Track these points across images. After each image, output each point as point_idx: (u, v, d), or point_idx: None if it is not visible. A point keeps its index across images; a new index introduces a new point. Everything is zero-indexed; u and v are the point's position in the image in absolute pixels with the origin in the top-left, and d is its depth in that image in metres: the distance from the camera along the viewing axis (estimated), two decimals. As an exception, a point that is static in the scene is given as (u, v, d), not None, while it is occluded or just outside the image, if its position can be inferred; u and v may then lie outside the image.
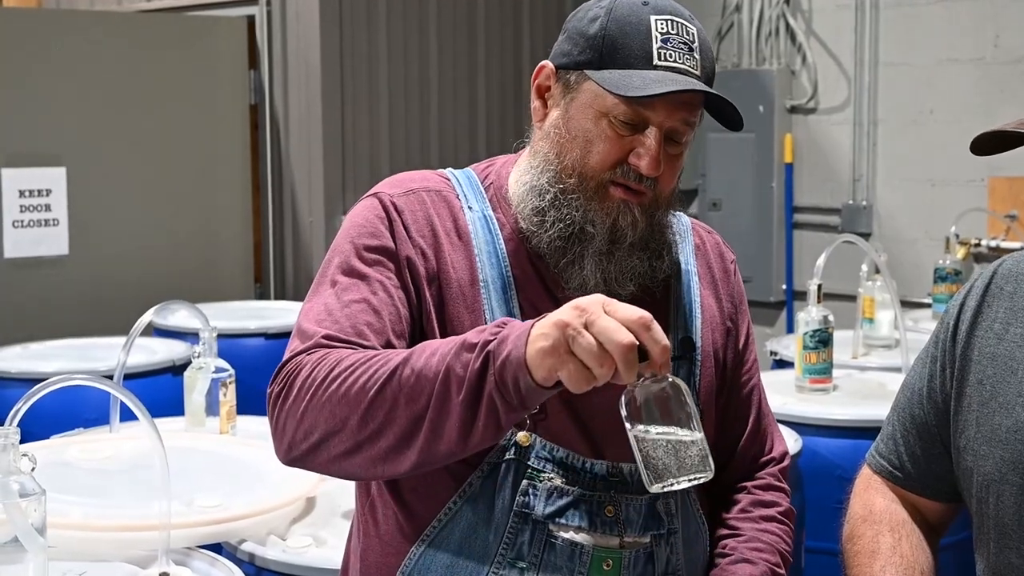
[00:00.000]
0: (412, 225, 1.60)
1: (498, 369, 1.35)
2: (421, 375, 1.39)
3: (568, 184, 1.58)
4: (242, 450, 2.69)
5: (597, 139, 1.56)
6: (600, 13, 1.57)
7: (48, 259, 5.35)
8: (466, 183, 1.68)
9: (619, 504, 1.60)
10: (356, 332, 1.52)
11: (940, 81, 5.51)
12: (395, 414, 1.41)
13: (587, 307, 1.32)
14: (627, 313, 1.32)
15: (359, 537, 1.68)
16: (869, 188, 5.78)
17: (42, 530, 1.76)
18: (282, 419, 1.49)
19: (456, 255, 1.60)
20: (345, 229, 1.63)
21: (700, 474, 1.36)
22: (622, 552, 1.60)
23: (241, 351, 4.02)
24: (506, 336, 1.37)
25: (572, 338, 1.31)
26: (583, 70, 1.57)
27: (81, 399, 2.97)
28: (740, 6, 6.13)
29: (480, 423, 1.37)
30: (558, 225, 1.58)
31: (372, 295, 1.55)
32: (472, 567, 1.56)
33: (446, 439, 1.39)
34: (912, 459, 1.76)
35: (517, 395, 1.36)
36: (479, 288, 1.59)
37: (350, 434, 1.44)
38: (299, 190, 5.81)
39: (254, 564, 2.21)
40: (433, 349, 1.41)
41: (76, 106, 5.43)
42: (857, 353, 3.89)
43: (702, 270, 1.74)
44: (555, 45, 1.64)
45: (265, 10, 5.85)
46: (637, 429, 1.35)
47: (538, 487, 1.57)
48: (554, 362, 1.32)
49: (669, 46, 1.54)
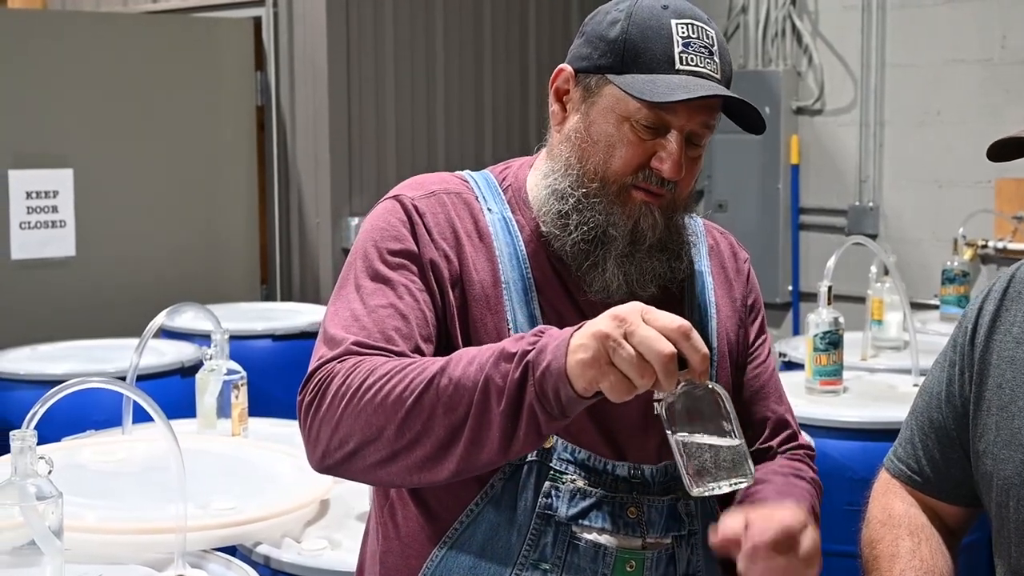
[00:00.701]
0: (434, 228, 1.60)
1: (538, 380, 1.36)
2: (459, 385, 1.39)
3: (591, 188, 1.58)
4: (255, 452, 2.70)
5: (619, 143, 1.56)
6: (620, 17, 1.57)
7: (55, 261, 5.35)
8: (484, 185, 1.68)
9: (641, 505, 1.60)
10: (385, 338, 1.51)
11: (947, 82, 5.51)
12: (433, 423, 1.41)
13: (626, 316, 1.33)
14: (666, 322, 1.33)
15: (378, 540, 1.67)
16: (876, 189, 5.78)
17: (59, 533, 1.76)
18: (315, 427, 1.48)
19: (478, 257, 1.60)
20: (366, 232, 1.62)
21: (741, 478, 1.38)
22: (644, 553, 1.60)
23: (248, 353, 4.01)
24: (545, 346, 1.37)
25: (613, 349, 1.31)
26: (604, 74, 1.57)
27: (91, 401, 2.96)
28: (746, 7, 6.13)
29: (521, 432, 1.38)
30: (581, 229, 1.58)
31: (398, 300, 1.54)
32: (495, 569, 1.56)
33: (487, 448, 1.40)
34: (931, 463, 1.76)
35: (558, 405, 1.36)
36: (501, 290, 1.59)
37: (386, 443, 1.43)
38: (306, 191, 5.81)
39: (269, 567, 2.21)
40: (470, 358, 1.41)
41: (82, 108, 5.43)
42: (866, 355, 3.89)
43: (716, 270, 1.74)
44: (572, 48, 1.64)
45: (272, 11, 5.85)
46: (678, 435, 1.37)
47: (561, 489, 1.57)
48: (595, 374, 1.33)
49: (690, 50, 1.55)
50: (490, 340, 1.56)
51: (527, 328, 1.57)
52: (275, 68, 5.87)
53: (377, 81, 5.77)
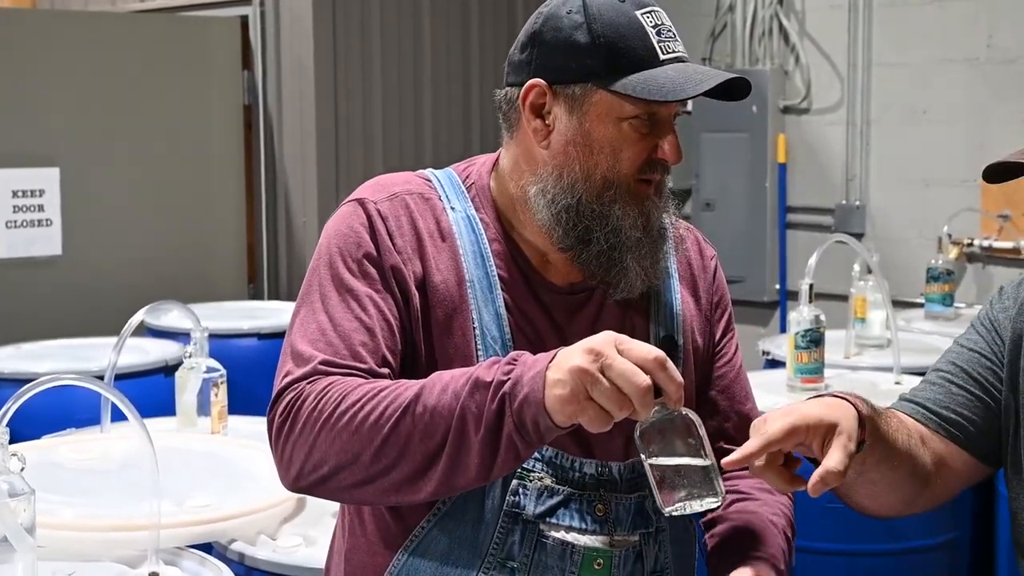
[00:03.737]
0: (396, 231, 1.59)
1: (516, 412, 1.37)
2: (435, 412, 1.41)
3: (606, 195, 1.57)
4: (233, 450, 2.70)
5: (624, 145, 1.56)
6: (579, 19, 1.55)
7: (41, 259, 5.35)
8: (448, 184, 1.68)
9: (609, 503, 1.61)
10: (352, 354, 1.52)
11: (933, 81, 5.51)
12: (409, 449, 1.42)
13: (601, 350, 1.34)
14: (642, 353, 1.34)
15: (344, 537, 1.67)
16: (862, 188, 5.79)
17: (31, 530, 1.76)
18: (288, 450, 1.49)
19: (440, 257, 1.60)
20: (329, 236, 1.62)
21: (712, 498, 1.41)
22: (612, 551, 1.60)
23: (235, 351, 4.02)
24: (520, 377, 1.38)
25: (591, 384, 1.33)
26: (590, 82, 1.55)
27: (73, 400, 2.96)
28: (733, 6, 6.13)
29: (500, 459, 1.40)
30: (610, 238, 1.57)
31: (363, 312, 1.54)
32: (462, 567, 1.56)
33: (465, 474, 1.42)
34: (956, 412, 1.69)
35: (536, 434, 1.38)
36: (466, 288, 1.59)
37: (362, 468, 1.45)
38: (293, 190, 5.81)
39: (244, 564, 2.22)
40: (444, 385, 1.42)
41: (70, 107, 5.43)
42: (849, 353, 3.90)
43: (682, 268, 1.74)
44: (530, 60, 1.60)
45: (259, 10, 5.86)
46: (652, 459, 1.40)
47: (528, 487, 1.57)
48: (574, 409, 1.34)
49: (663, 37, 1.56)
50: (456, 341, 1.57)
51: (493, 327, 1.58)
52: (262, 67, 5.87)
53: (364, 80, 5.77)
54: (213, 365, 2.94)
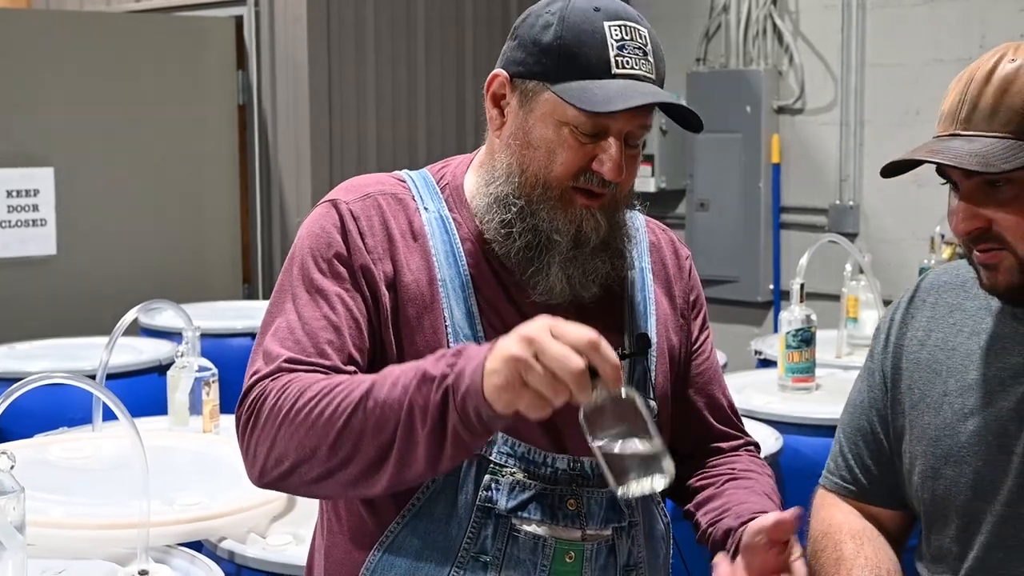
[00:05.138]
0: (368, 231, 1.61)
1: (459, 403, 1.37)
2: (385, 406, 1.42)
3: (533, 194, 1.58)
4: (224, 449, 2.71)
5: (559, 148, 1.57)
6: (553, 20, 1.57)
7: (36, 259, 5.35)
8: (422, 184, 1.69)
9: (581, 497, 1.62)
10: (318, 352, 1.53)
11: (926, 82, 5.53)
12: (362, 443, 1.43)
13: (534, 337, 1.33)
14: (575, 337, 1.33)
15: (323, 534, 1.69)
16: (856, 188, 5.80)
17: (21, 527, 1.77)
18: (252, 446, 1.51)
19: (412, 257, 1.61)
20: (302, 238, 1.63)
21: (661, 476, 1.40)
22: (584, 545, 1.62)
23: (229, 351, 4.02)
24: (462, 370, 1.38)
25: (525, 371, 1.33)
26: (540, 80, 1.57)
27: (66, 399, 2.97)
28: (727, 7, 6.14)
29: (447, 452, 1.40)
30: (526, 236, 1.59)
31: (331, 311, 1.56)
32: (436, 562, 1.58)
33: (415, 467, 1.42)
34: (864, 470, 1.80)
35: (480, 424, 1.38)
36: (437, 287, 1.60)
37: (320, 462, 1.46)
38: (287, 190, 5.82)
39: (234, 562, 2.22)
40: (395, 379, 1.43)
41: (64, 106, 5.44)
42: (841, 352, 3.91)
43: (656, 268, 1.76)
44: (506, 51, 1.63)
45: (253, 11, 5.86)
46: (598, 442, 1.39)
47: (500, 482, 1.59)
48: (511, 396, 1.34)
49: (625, 52, 1.55)
50: (427, 339, 1.58)
51: (465, 325, 1.59)
52: (256, 67, 5.88)
53: (358, 80, 5.78)
54: (205, 364, 2.95)
